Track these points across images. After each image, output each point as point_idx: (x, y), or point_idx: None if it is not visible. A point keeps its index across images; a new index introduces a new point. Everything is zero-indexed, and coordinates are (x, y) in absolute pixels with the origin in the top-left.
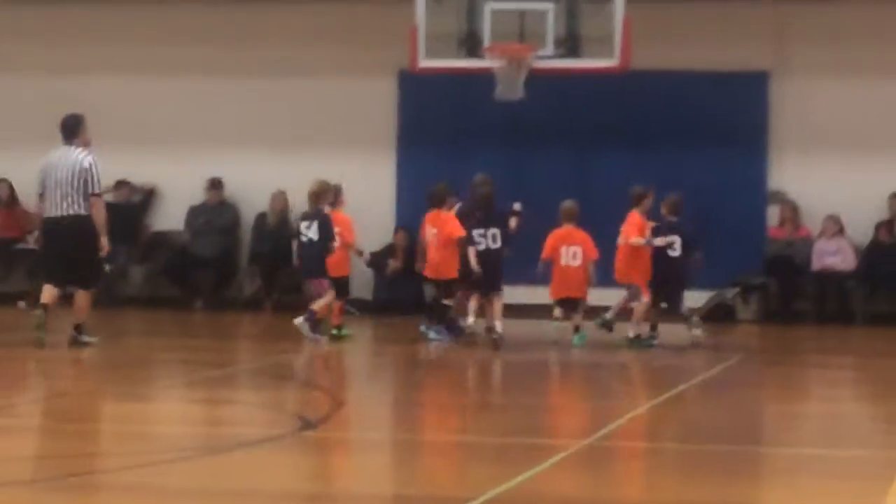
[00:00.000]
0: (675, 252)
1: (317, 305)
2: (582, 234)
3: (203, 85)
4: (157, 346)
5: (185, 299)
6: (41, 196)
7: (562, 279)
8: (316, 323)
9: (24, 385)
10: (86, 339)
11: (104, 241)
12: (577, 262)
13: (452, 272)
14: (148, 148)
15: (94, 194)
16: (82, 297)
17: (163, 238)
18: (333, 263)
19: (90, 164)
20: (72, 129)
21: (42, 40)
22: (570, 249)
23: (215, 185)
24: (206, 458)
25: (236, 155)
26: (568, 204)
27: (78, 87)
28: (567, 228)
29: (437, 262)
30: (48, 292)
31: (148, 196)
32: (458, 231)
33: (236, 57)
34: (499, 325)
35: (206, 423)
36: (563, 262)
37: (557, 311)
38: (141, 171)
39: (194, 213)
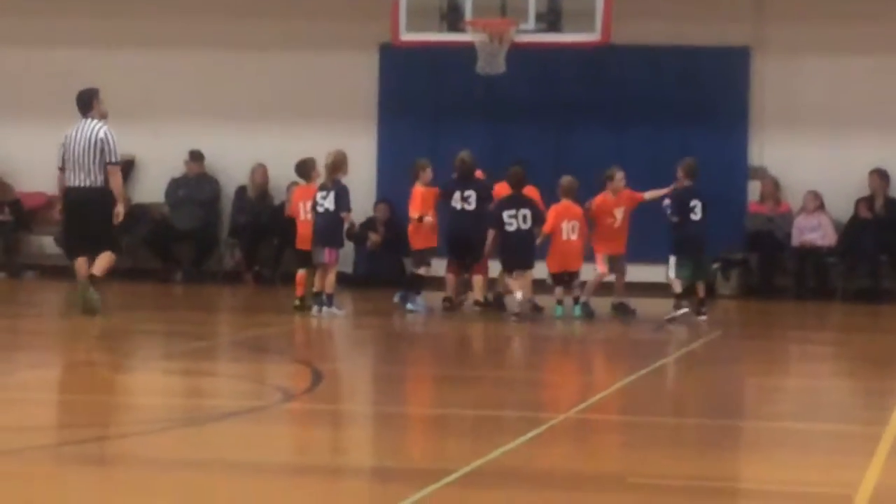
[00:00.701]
0: (697, 216)
1: (329, 287)
2: (578, 209)
3: (184, 57)
4: (137, 318)
5: (166, 271)
6: (61, 169)
7: (562, 253)
8: (330, 298)
9: (4, 357)
10: (95, 295)
11: (120, 209)
12: (576, 237)
13: (421, 243)
14: (128, 120)
15: (110, 164)
16: (105, 258)
17: (143, 210)
18: (309, 236)
19: (105, 134)
20: (87, 103)
21: (21, 13)
22: (570, 224)
23: (195, 157)
24: (187, 429)
25: (217, 127)
26: (567, 179)
27: (58, 59)
28: (565, 203)
29: (410, 233)
30: (81, 265)
31: (127, 167)
32: (414, 210)
33: (218, 30)
34: (519, 295)
35: (188, 395)
36: (563, 236)
37: (558, 292)
38: (120, 142)
39: (174, 185)
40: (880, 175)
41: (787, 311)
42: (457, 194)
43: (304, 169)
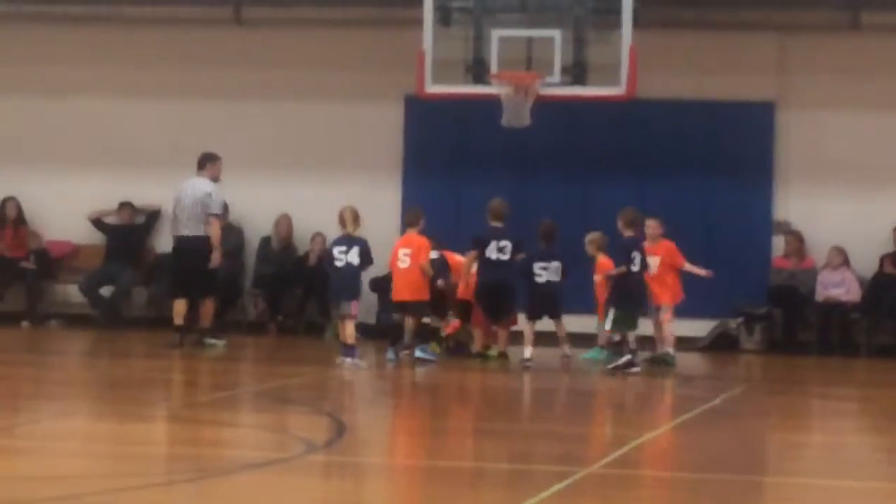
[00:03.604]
0: (637, 267)
1: (350, 338)
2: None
3: (209, 108)
4: (160, 367)
5: (190, 321)
6: (173, 219)
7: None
8: (353, 349)
9: (25, 406)
10: (212, 341)
11: (216, 256)
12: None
13: (425, 294)
14: (154, 170)
15: (211, 215)
16: (208, 305)
17: (167, 260)
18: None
19: (210, 190)
20: (202, 163)
21: (54, 62)
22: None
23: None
24: (210, 481)
25: (242, 178)
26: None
27: (85, 108)
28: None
29: (410, 283)
30: (178, 307)
31: (152, 218)
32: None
33: (242, 81)
34: (566, 349)
35: (210, 446)
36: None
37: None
38: (145, 192)
39: None
40: None
41: (811, 367)
42: (492, 244)
43: (413, 217)
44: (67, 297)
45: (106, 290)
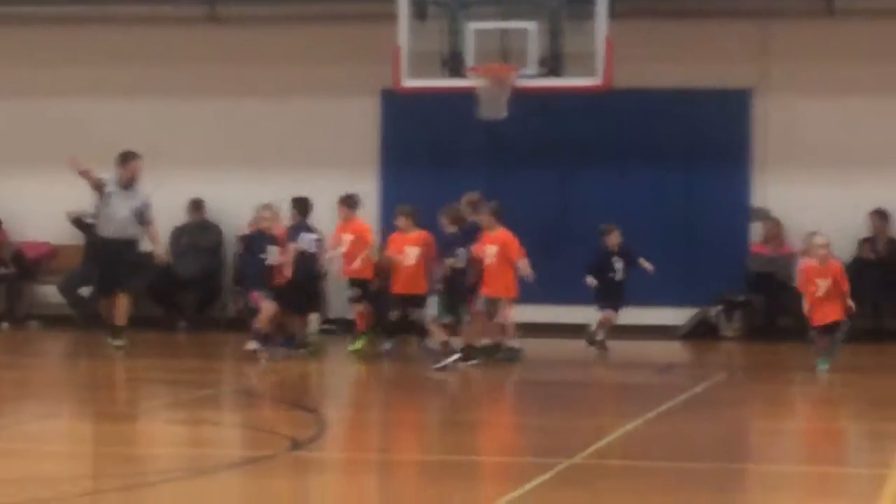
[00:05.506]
0: (462, 264)
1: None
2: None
3: (184, 106)
4: (141, 366)
5: (169, 320)
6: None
7: None
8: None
9: (7, 408)
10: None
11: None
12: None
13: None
14: None
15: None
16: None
17: (146, 259)
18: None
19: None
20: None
21: (26, 62)
22: None
23: (197, 205)
24: (194, 480)
25: (219, 175)
26: None
27: (61, 107)
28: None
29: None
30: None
31: None
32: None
33: (218, 78)
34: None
35: (193, 445)
36: None
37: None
38: None
39: (177, 233)
40: (880, 216)
41: (791, 353)
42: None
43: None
44: (46, 298)
45: (87, 290)
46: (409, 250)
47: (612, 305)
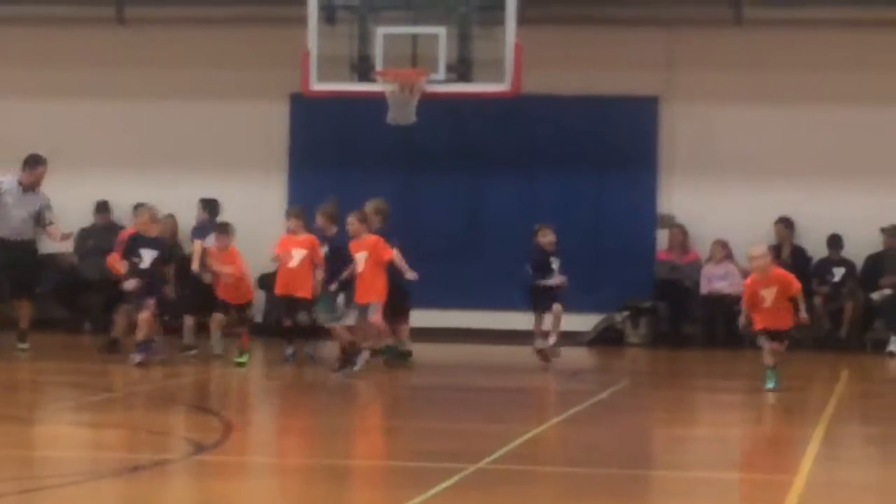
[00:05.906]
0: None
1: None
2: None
3: (92, 108)
4: (45, 368)
5: (74, 322)
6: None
7: None
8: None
9: None
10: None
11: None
12: None
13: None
14: None
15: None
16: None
17: (51, 260)
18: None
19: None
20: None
21: None
22: None
23: (101, 208)
24: (95, 483)
25: (126, 177)
26: None
27: None
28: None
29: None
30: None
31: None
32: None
33: (126, 80)
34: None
35: (95, 448)
36: None
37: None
38: None
39: (84, 235)
40: (785, 224)
41: (696, 360)
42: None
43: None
44: None
45: None
46: (294, 252)
47: (558, 300)
